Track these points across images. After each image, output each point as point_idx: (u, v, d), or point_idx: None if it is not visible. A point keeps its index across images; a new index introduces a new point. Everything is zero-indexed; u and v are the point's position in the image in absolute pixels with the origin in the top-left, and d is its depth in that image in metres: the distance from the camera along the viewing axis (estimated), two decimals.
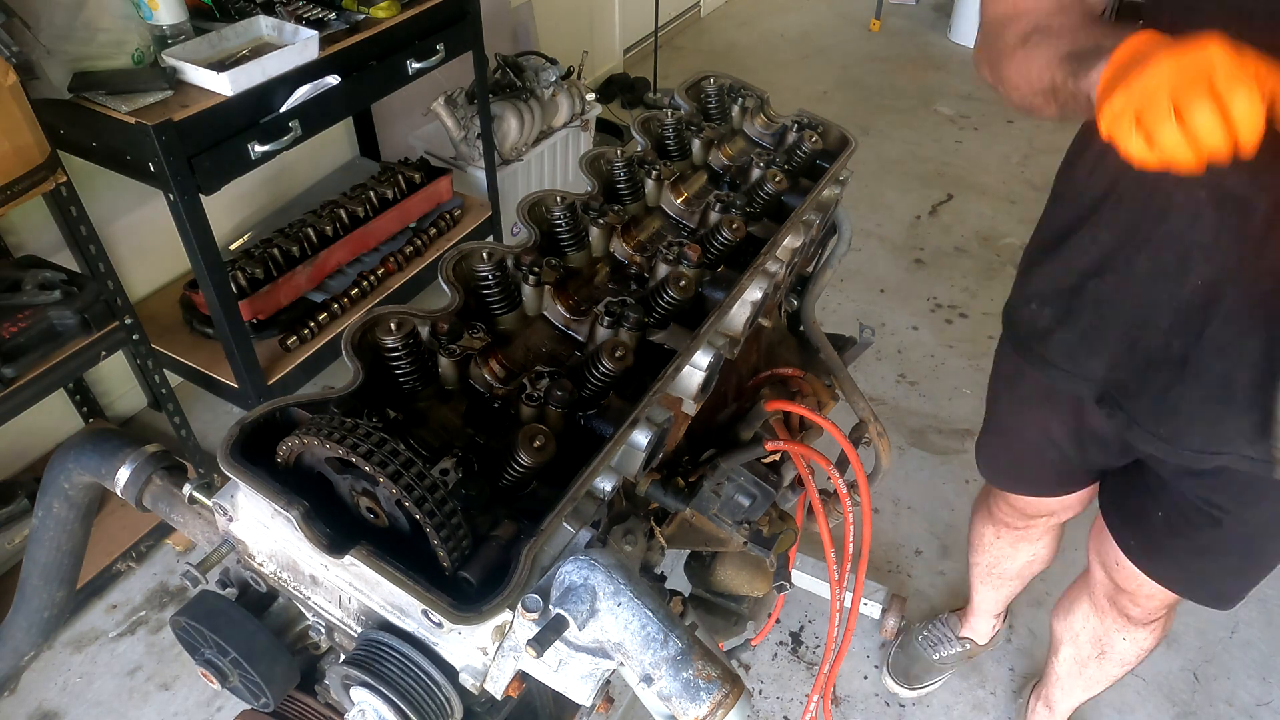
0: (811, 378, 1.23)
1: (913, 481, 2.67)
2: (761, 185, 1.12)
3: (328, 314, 2.50)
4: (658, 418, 0.85)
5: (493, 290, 0.92)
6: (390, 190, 2.72)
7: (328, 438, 0.68)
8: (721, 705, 0.66)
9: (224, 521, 0.82)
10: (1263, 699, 2.17)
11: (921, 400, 2.90)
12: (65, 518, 1.03)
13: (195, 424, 2.42)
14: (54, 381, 1.90)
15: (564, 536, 0.77)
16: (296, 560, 0.79)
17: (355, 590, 0.76)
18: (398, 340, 0.81)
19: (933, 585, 2.40)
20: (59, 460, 0.98)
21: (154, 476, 0.94)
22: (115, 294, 1.99)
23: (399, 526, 0.72)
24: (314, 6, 2.29)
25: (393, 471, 0.66)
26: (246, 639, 0.81)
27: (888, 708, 2.13)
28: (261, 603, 0.87)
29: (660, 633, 0.68)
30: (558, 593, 0.69)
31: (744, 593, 1.29)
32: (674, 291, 0.92)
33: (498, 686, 0.73)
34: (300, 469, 0.74)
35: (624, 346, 0.85)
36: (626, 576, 0.70)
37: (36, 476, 2.27)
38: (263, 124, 2.03)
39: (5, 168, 1.66)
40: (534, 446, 0.76)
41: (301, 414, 0.76)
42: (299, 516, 0.68)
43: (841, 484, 1.16)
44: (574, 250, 1.00)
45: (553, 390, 0.81)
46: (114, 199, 2.34)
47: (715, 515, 1.07)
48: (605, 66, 4.46)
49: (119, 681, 2.12)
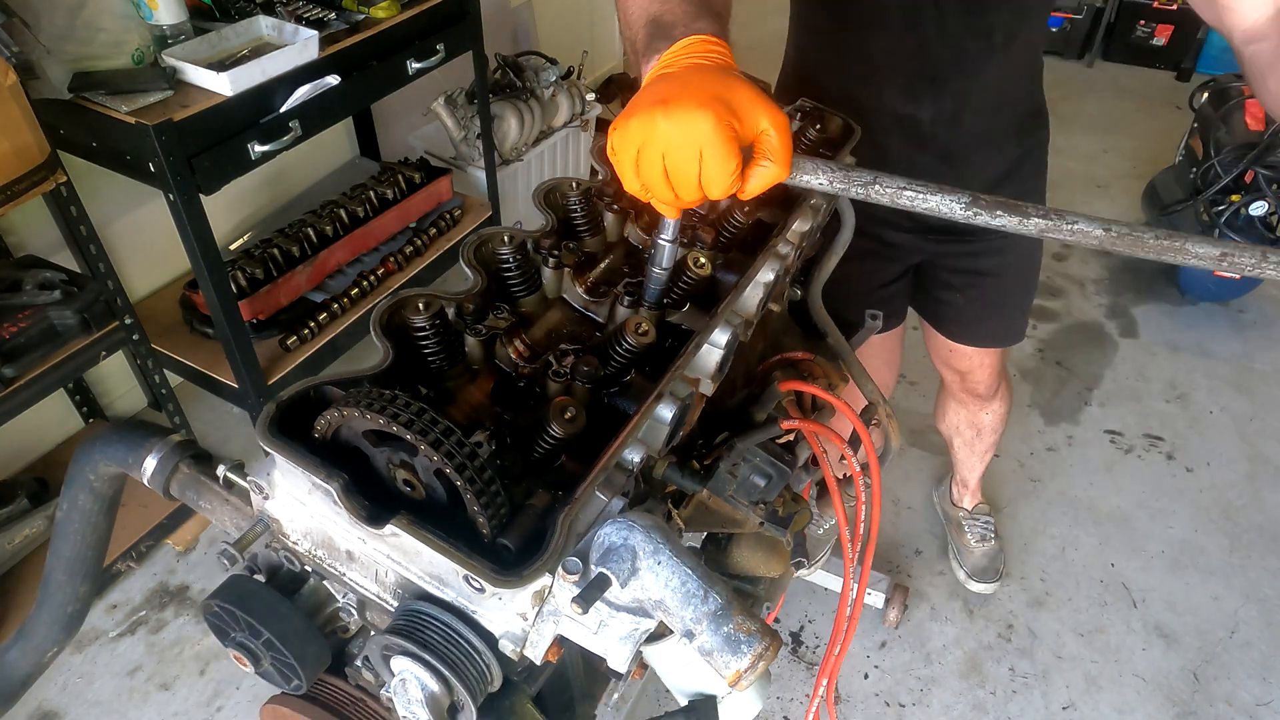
0: (821, 360, 1.24)
1: (913, 481, 2.67)
2: None
3: (328, 314, 2.50)
4: (681, 392, 0.87)
5: (513, 273, 0.94)
6: (390, 190, 2.72)
7: (368, 408, 0.69)
8: (762, 658, 0.67)
9: (259, 500, 0.83)
10: (1263, 699, 2.17)
11: (921, 400, 2.90)
12: (90, 510, 1.03)
13: (195, 424, 2.42)
14: (54, 381, 1.90)
15: (596, 505, 0.79)
16: (332, 536, 0.80)
17: (393, 563, 0.77)
18: (425, 320, 0.83)
19: (933, 585, 2.40)
20: (84, 452, 0.98)
21: (181, 465, 0.95)
22: (115, 294, 1.99)
23: (436, 498, 0.73)
24: (314, 6, 2.29)
25: (434, 439, 0.67)
26: (280, 621, 0.82)
27: (887, 708, 2.13)
28: (291, 587, 0.88)
29: (700, 589, 0.69)
30: (598, 554, 0.71)
31: (760, 573, 1.30)
32: (692, 271, 0.94)
33: (537, 651, 0.75)
34: (336, 445, 0.75)
35: (646, 323, 0.87)
36: (665, 536, 0.71)
37: (37, 476, 2.27)
38: (263, 124, 2.03)
39: (5, 168, 1.66)
40: (565, 418, 0.78)
41: (335, 392, 0.77)
42: (339, 488, 0.69)
43: (855, 462, 1.17)
44: (589, 235, 1.02)
45: (579, 366, 0.83)
46: (114, 199, 2.33)
47: (731, 496, 1.07)
48: (605, 66, 4.45)
49: (119, 681, 2.12)
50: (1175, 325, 3.30)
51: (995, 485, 2.65)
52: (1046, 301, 3.38)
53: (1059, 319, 3.31)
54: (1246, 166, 2.95)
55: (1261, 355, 3.18)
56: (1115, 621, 2.33)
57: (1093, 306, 3.38)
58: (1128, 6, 4.92)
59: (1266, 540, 2.53)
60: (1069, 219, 0.76)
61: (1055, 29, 5.03)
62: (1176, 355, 3.17)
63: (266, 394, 2.37)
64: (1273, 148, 2.92)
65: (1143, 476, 2.72)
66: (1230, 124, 3.12)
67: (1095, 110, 4.67)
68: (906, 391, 2.95)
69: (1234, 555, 2.50)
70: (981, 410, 2.13)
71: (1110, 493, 2.67)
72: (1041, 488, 2.67)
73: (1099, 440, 2.83)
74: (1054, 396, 2.98)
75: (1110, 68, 5.06)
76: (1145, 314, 3.35)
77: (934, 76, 1.42)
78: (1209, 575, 2.44)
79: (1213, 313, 3.35)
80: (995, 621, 2.32)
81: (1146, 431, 2.87)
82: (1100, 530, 2.55)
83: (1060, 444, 2.82)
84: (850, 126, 1.23)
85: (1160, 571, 2.45)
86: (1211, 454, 2.79)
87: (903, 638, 2.28)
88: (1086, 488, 2.68)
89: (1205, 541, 2.53)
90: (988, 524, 2.40)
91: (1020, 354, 3.13)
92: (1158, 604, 2.37)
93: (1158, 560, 2.48)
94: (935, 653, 2.25)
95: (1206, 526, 2.57)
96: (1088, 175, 4.12)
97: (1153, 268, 3.54)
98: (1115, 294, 3.44)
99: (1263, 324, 3.32)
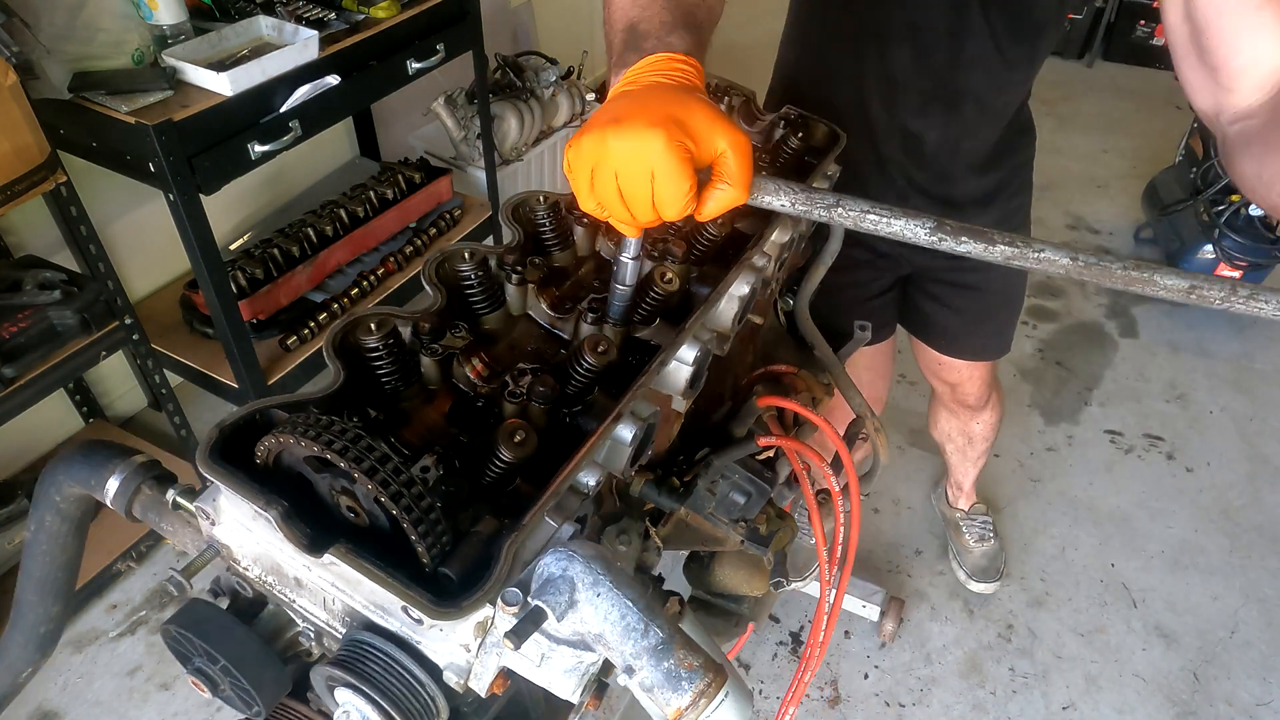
0: (806, 374, 1.23)
1: (913, 481, 2.67)
2: None
3: (328, 314, 2.50)
4: (643, 412, 0.84)
5: (475, 290, 0.92)
6: (390, 190, 2.72)
7: (304, 435, 0.68)
8: (704, 695, 0.65)
9: (207, 526, 0.81)
10: (1263, 699, 2.17)
11: (921, 400, 2.89)
12: (58, 531, 1.01)
13: (195, 424, 2.42)
14: (54, 381, 1.90)
15: (546, 531, 0.76)
16: (280, 563, 0.78)
17: (338, 591, 0.75)
18: (378, 340, 0.81)
19: (933, 585, 2.40)
20: (49, 473, 0.97)
21: (143, 486, 0.93)
22: (115, 294, 1.99)
23: (379, 524, 0.72)
24: (314, 6, 2.29)
25: (368, 467, 0.66)
26: (236, 646, 0.80)
27: (888, 708, 2.13)
28: (251, 610, 0.86)
29: (640, 622, 0.67)
30: (536, 585, 0.69)
31: (743, 592, 1.28)
32: (659, 287, 0.92)
33: (481, 684, 0.73)
34: (280, 470, 0.74)
35: (606, 341, 0.85)
36: (605, 567, 0.69)
37: (36, 476, 2.26)
38: (263, 124, 2.03)
39: (5, 168, 1.66)
40: (514, 441, 0.76)
41: (281, 415, 0.75)
42: (278, 516, 0.67)
43: (834, 480, 1.15)
44: (558, 249, 1.00)
45: (535, 386, 0.81)
46: (114, 199, 2.33)
47: (711, 514, 1.06)
48: (605, 66, 4.45)
49: (119, 681, 2.12)
50: (1175, 325, 3.30)
51: (995, 485, 2.65)
52: (1046, 301, 3.38)
53: (1059, 319, 3.31)
54: None
55: (1261, 355, 3.18)
56: (1115, 621, 2.33)
57: (1093, 306, 3.38)
58: (1128, 6, 4.92)
59: (1266, 540, 2.53)
60: (1035, 247, 0.75)
61: None
62: (1176, 355, 3.17)
63: (266, 394, 2.36)
64: None
65: (1143, 476, 2.72)
66: None
67: (1095, 110, 4.67)
68: (906, 391, 2.95)
69: (1234, 555, 2.50)
70: (973, 420, 2.15)
71: (1110, 493, 2.67)
72: (1041, 488, 2.67)
73: (1099, 440, 2.83)
74: (1054, 396, 2.98)
75: (1110, 68, 5.06)
76: (1145, 314, 3.35)
77: (949, 100, 1.43)
78: (1209, 575, 2.44)
79: (1213, 313, 3.35)
80: (995, 621, 2.32)
81: (1146, 431, 2.87)
82: (1100, 530, 2.55)
83: (1060, 444, 2.82)
84: (835, 133, 1.21)
85: (1160, 571, 2.45)
86: (1211, 454, 2.79)
87: (902, 638, 2.28)
88: (1086, 488, 2.68)
89: (1205, 541, 2.53)
90: (986, 524, 2.40)
91: (1020, 354, 3.13)
92: (1158, 604, 2.37)
93: (1158, 560, 2.48)
94: (935, 653, 2.25)
95: (1206, 526, 2.57)
96: (1088, 175, 4.12)
97: None
98: (1115, 294, 3.44)
99: (1263, 324, 3.32)
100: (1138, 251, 3.64)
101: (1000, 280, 1.74)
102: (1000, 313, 1.84)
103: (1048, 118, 4.60)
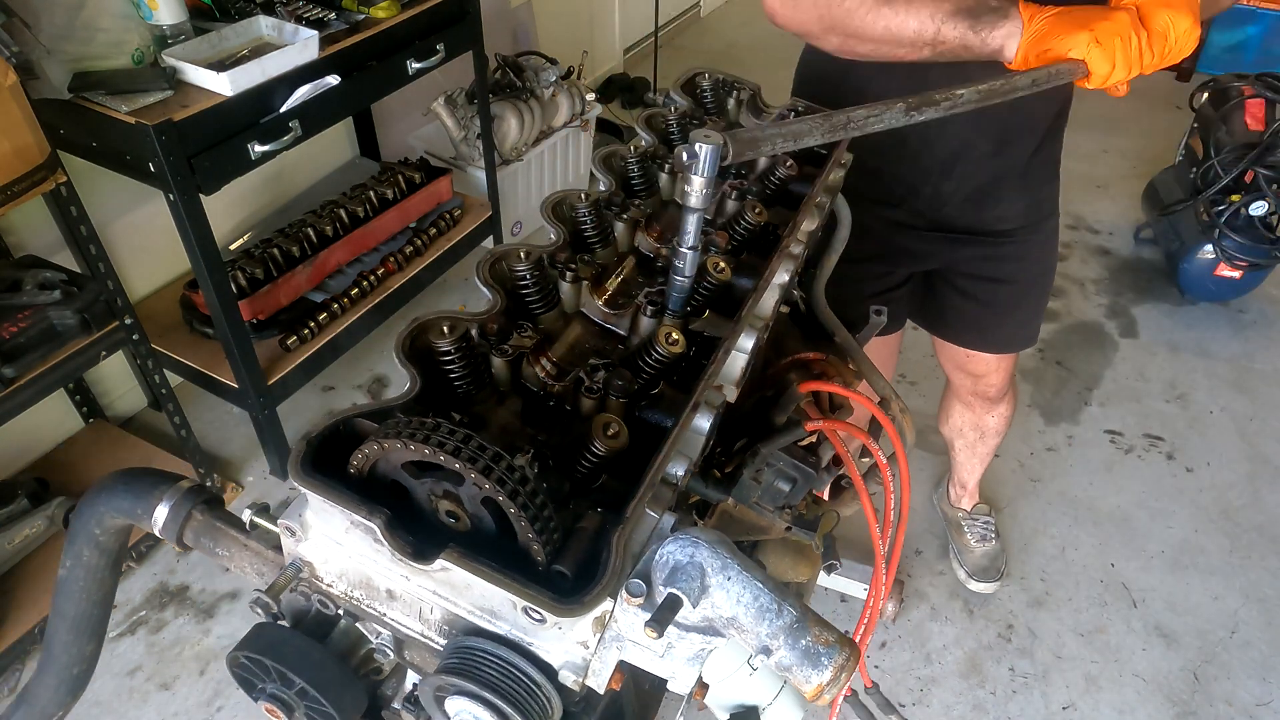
0: (834, 359, 1.23)
1: (913, 481, 2.66)
2: (772, 172, 1.13)
3: (328, 314, 2.50)
4: (715, 400, 0.86)
5: (531, 289, 0.91)
6: (390, 190, 2.72)
7: (411, 439, 0.67)
8: (844, 669, 0.65)
9: (291, 543, 0.80)
10: (1263, 699, 2.17)
11: (922, 400, 2.90)
12: (96, 566, 0.98)
13: (195, 424, 2.42)
14: (54, 381, 1.90)
15: (649, 523, 0.77)
16: (371, 575, 0.77)
17: (439, 599, 0.75)
18: (451, 343, 0.81)
19: (933, 585, 2.40)
20: (88, 505, 0.93)
21: (194, 512, 0.91)
22: (115, 294, 1.99)
23: (482, 527, 0.71)
24: (314, 6, 2.29)
25: (483, 466, 0.66)
26: (314, 667, 0.78)
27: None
28: (320, 631, 0.84)
29: (773, 603, 0.67)
30: (664, 573, 0.69)
31: (789, 579, 1.29)
32: (713, 276, 0.93)
33: (600, 680, 0.73)
34: (370, 480, 0.73)
35: (676, 331, 0.86)
36: (731, 550, 0.69)
37: (37, 476, 2.27)
38: (263, 124, 2.03)
39: (5, 168, 1.66)
40: (609, 435, 0.77)
41: (367, 424, 0.74)
42: (382, 525, 0.67)
43: (881, 455, 1.17)
44: (600, 247, 1.01)
45: (612, 381, 0.82)
46: (114, 199, 2.33)
47: (756, 503, 1.06)
48: (605, 66, 4.45)
49: (119, 681, 2.12)
50: (1175, 325, 3.30)
51: (995, 485, 2.65)
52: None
53: (1059, 319, 3.31)
54: (1246, 166, 2.95)
55: (1261, 355, 3.18)
56: (1115, 621, 2.33)
57: (1093, 306, 3.38)
58: None
59: (1266, 540, 2.53)
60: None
61: None
62: (1176, 355, 3.17)
63: (266, 394, 2.37)
64: (1273, 148, 2.92)
65: (1143, 476, 2.72)
66: (1230, 124, 3.12)
67: (1095, 110, 4.66)
68: (906, 391, 2.95)
69: (1234, 555, 2.50)
70: (988, 413, 2.14)
71: (1110, 493, 2.66)
72: (1041, 488, 2.67)
73: (1099, 440, 2.83)
74: (1054, 396, 2.98)
75: None
76: (1145, 314, 3.35)
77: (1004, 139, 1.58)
78: (1209, 575, 2.44)
79: (1213, 313, 3.35)
80: (995, 621, 2.32)
81: (1146, 431, 2.87)
82: (1100, 530, 2.55)
83: (1060, 444, 2.82)
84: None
85: (1160, 571, 2.45)
86: (1211, 454, 2.79)
87: (903, 638, 2.28)
88: (1086, 488, 2.68)
89: (1205, 541, 2.53)
90: (988, 524, 2.40)
91: (1020, 354, 3.13)
92: (1158, 604, 2.37)
93: (1158, 560, 2.48)
94: (935, 653, 2.25)
95: (1206, 526, 2.57)
96: (1088, 175, 4.12)
97: (1152, 268, 3.54)
98: (1115, 294, 3.44)
99: (1263, 324, 3.32)
100: (1137, 251, 3.64)
101: (1035, 267, 1.73)
102: (1031, 302, 1.83)
103: None
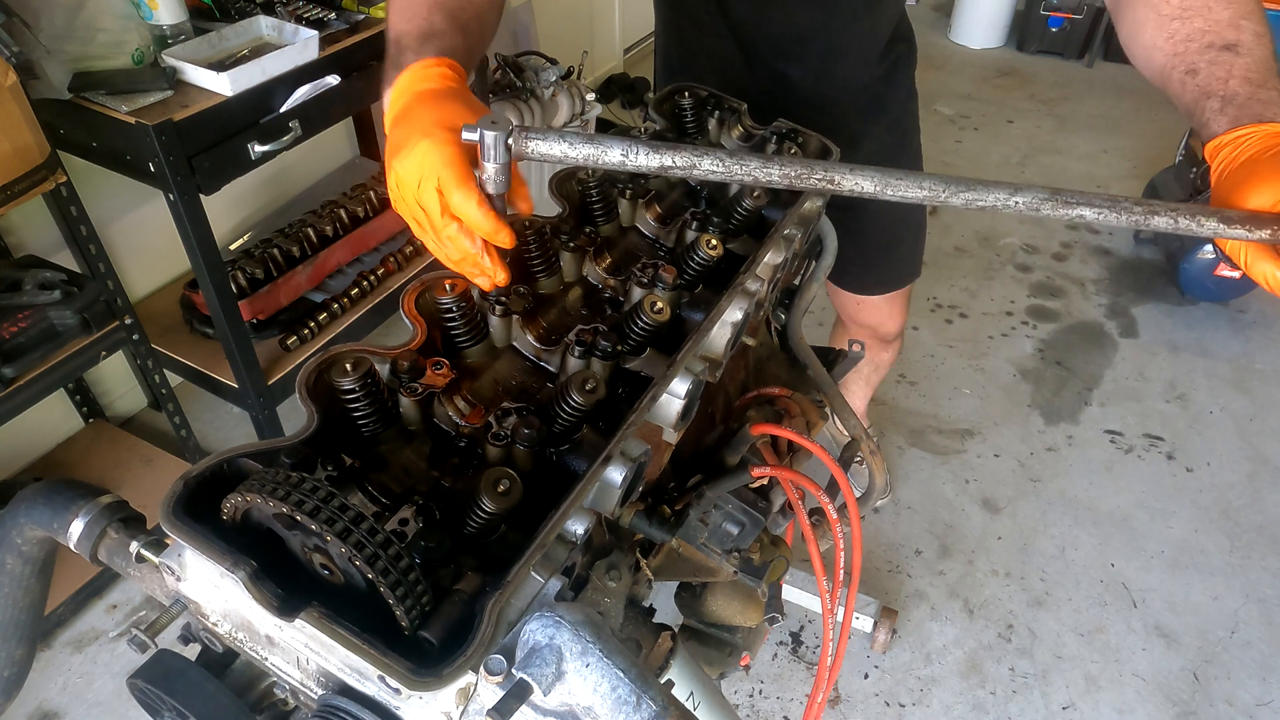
0: (800, 396, 1.18)
1: (913, 481, 2.67)
2: (740, 200, 1.07)
3: (328, 314, 2.50)
4: (633, 452, 0.80)
5: (457, 322, 0.86)
6: None
7: (271, 494, 0.64)
8: None
9: (173, 581, 0.77)
10: (1263, 699, 2.17)
11: (921, 400, 2.90)
12: (20, 573, 0.96)
13: (195, 424, 2.43)
14: (54, 381, 1.90)
15: (533, 586, 0.72)
16: (251, 620, 0.75)
17: (312, 652, 0.71)
18: (354, 381, 0.76)
19: (933, 585, 2.40)
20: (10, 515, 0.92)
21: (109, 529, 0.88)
22: (115, 294, 1.99)
23: (355, 583, 0.68)
24: (314, 6, 2.29)
25: (341, 529, 0.62)
26: (206, 701, 0.75)
27: (888, 708, 2.13)
28: (224, 659, 0.81)
29: (632, 694, 0.63)
30: (522, 654, 0.65)
31: (736, 623, 1.24)
32: (649, 316, 0.88)
33: None
34: (250, 524, 0.70)
35: (594, 378, 0.80)
36: (595, 634, 0.65)
37: (37, 476, 2.27)
38: (263, 124, 2.03)
39: (5, 168, 1.66)
40: (498, 492, 0.72)
41: (250, 465, 0.71)
42: (246, 577, 0.64)
43: (831, 509, 1.11)
44: (545, 276, 0.96)
45: (520, 428, 0.77)
46: (114, 199, 2.33)
47: (703, 545, 1.02)
48: (605, 66, 4.45)
49: (119, 681, 2.12)
50: (1175, 325, 3.30)
51: (995, 485, 2.65)
52: (1046, 301, 3.38)
53: (1059, 319, 3.31)
54: None
55: (1261, 355, 3.18)
56: (1115, 621, 2.33)
57: (1093, 306, 3.38)
58: None
59: (1266, 540, 2.53)
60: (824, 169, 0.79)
61: (1055, 29, 5.03)
62: (1176, 355, 3.17)
63: (267, 394, 2.37)
64: None
65: (1143, 476, 2.72)
66: None
67: (1095, 110, 4.67)
68: (906, 391, 2.95)
69: (1234, 555, 2.50)
70: (884, 350, 2.25)
71: (1110, 493, 2.66)
72: (1041, 488, 2.67)
73: (1099, 440, 2.83)
74: (1054, 396, 2.98)
75: (1110, 68, 5.06)
76: (1145, 314, 3.35)
77: (801, 37, 1.51)
78: (1209, 575, 2.44)
79: (1213, 313, 3.35)
80: (995, 621, 2.32)
81: (1146, 431, 2.87)
82: (1100, 530, 2.55)
83: (1060, 444, 2.82)
84: (827, 147, 1.20)
85: (1160, 571, 2.45)
86: (1211, 454, 2.79)
87: (903, 638, 2.28)
88: (1086, 488, 2.68)
89: (1205, 541, 2.53)
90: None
91: (1020, 354, 3.13)
92: (1158, 604, 2.37)
93: (1158, 560, 2.48)
94: (935, 653, 2.25)
95: (1206, 526, 2.57)
96: (1088, 175, 4.12)
97: (1152, 267, 3.54)
98: (1115, 294, 3.44)
99: (1263, 324, 3.32)
100: (1138, 251, 3.64)
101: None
102: (903, 236, 1.88)
103: (1047, 118, 4.60)
